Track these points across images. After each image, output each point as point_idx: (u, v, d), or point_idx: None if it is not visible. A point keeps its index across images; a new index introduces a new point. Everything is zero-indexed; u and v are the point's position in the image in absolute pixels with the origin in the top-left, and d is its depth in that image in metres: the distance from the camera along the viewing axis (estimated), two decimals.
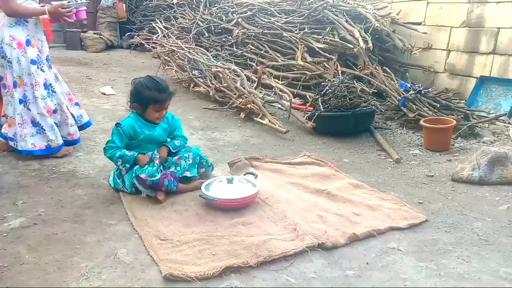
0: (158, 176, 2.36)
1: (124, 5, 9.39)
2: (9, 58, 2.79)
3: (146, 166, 2.40)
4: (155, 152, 2.51)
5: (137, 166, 2.41)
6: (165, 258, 1.79)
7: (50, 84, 2.97)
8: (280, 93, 4.51)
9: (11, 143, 2.93)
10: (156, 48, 6.56)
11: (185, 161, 2.58)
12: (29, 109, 2.87)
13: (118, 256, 1.83)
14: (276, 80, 4.94)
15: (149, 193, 2.41)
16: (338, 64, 4.94)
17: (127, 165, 2.45)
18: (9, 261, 1.78)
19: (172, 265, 1.74)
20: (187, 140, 2.77)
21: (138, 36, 7.56)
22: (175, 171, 2.53)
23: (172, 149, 2.62)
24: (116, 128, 2.47)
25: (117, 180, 2.51)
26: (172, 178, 2.43)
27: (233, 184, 2.43)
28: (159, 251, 1.85)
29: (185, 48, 5.81)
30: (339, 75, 4.60)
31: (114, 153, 2.45)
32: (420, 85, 4.53)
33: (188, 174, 2.56)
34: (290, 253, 1.86)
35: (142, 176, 2.35)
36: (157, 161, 2.44)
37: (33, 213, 2.20)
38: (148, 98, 2.44)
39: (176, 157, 2.59)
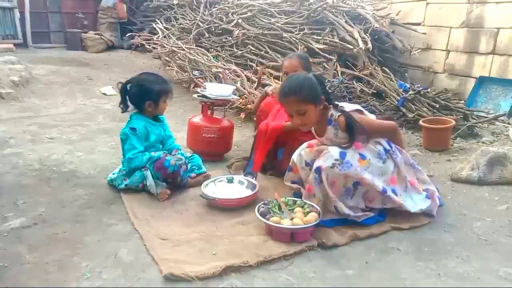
0: (178, 165, 2.45)
1: (125, 5, 9.40)
2: None
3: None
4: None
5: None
6: (166, 257, 1.80)
7: None
8: None
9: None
10: (156, 48, 6.57)
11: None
12: None
13: (118, 256, 1.83)
14: (276, 81, 4.94)
15: (157, 190, 2.42)
16: (338, 65, 4.95)
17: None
18: (9, 261, 1.78)
19: (172, 264, 1.74)
20: (174, 138, 2.80)
21: (138, 36, 7.57)
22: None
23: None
24: (133, 132, 2.46)
25: (123, 180, 2.50)
26: (185, 169, 2.56)
27: (233, 184, 2.44)
28: (159, 251, 1.85)
29: (186, 49, 5.82)
30: (338, 76, 4.61)
31: (141, 160, 2.45)
32: (419, 85, 4.55)
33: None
34: (290, 253, 1.86)
35: (166, 165, 2.40)
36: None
37: (33, 213, 2.21)
38: (159, 92, 2.49)
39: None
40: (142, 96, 2.50)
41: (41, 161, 2.97)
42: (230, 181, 2.46)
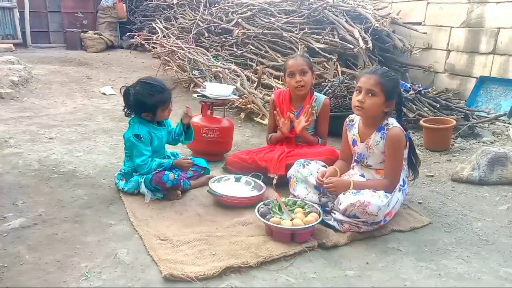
0: (178, 178, 2.43)
1: (124, 5, 9.41)
2: None
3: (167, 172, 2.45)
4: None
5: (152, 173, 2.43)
6: (165, 258, 1.79)
7: None
8: None
9: None
10: (156, 48, 6.57)
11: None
12: None
13: (118, 256, 1.83)
14: (276, 80, 4.94)
15: (157, 197, 2.41)
16: (338, 64, 4.94)
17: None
18: (9, 261, 1.78)
19: (172, 265, 1.74)
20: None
21: (138, 36, 7.57)
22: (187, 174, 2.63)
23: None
24: (139, 139, 2.44)
25: (120, 181, 2.50)
26: (185, 178, 2.53)
27: (240, 183, 2.46)
28: (159, 251, 1.85)
29: (185, 48, 5.82)
30: (339, 75, 4.61)
31: (151, 166, 2.45)
32: (420, 85, 4.54)
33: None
34: (290, 253, 1.86)
35: (165, 180, 2.38)
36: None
37: (33, 213, 2.20)
38: (154, 104, 2.44)
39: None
40: (139, 108, 2.48)
41: (41, 161, 2.96)
42: (238, 180, 2.47)
